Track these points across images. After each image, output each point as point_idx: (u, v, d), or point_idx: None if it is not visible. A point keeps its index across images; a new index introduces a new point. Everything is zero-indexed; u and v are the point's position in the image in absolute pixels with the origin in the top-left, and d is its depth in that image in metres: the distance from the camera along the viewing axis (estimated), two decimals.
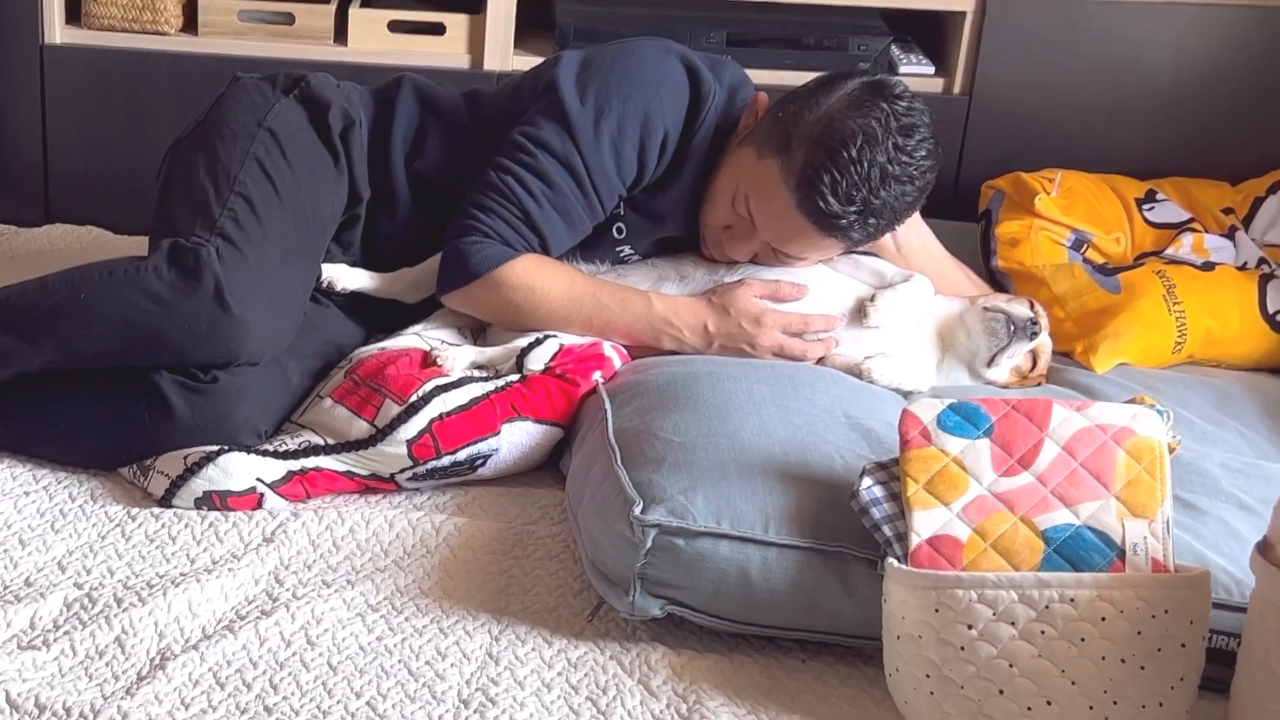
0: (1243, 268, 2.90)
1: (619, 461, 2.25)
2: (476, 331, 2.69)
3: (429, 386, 2.44)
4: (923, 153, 2.46)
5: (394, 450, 2.41)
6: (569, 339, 2.56)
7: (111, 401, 2.42)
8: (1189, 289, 2.77)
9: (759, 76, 3.11)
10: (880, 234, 2.53)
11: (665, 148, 2.59)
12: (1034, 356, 2.59)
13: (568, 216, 2.57)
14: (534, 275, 2.56)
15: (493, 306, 2.59)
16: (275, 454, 2.42)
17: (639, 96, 2.56)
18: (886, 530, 2.04)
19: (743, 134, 2.59)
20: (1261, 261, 2.92)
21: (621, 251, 2.68)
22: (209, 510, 2.37)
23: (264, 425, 2.46)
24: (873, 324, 2.56)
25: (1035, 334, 2.56)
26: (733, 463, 2.20)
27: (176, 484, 2.37)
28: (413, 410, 2.41)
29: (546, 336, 2.55)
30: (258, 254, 2.45)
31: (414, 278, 2.69)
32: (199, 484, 2.37)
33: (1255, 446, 2.51)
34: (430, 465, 2.42)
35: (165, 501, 2.38)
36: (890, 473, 2.09)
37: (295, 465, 2.42)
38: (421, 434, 2.40)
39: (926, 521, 2.01)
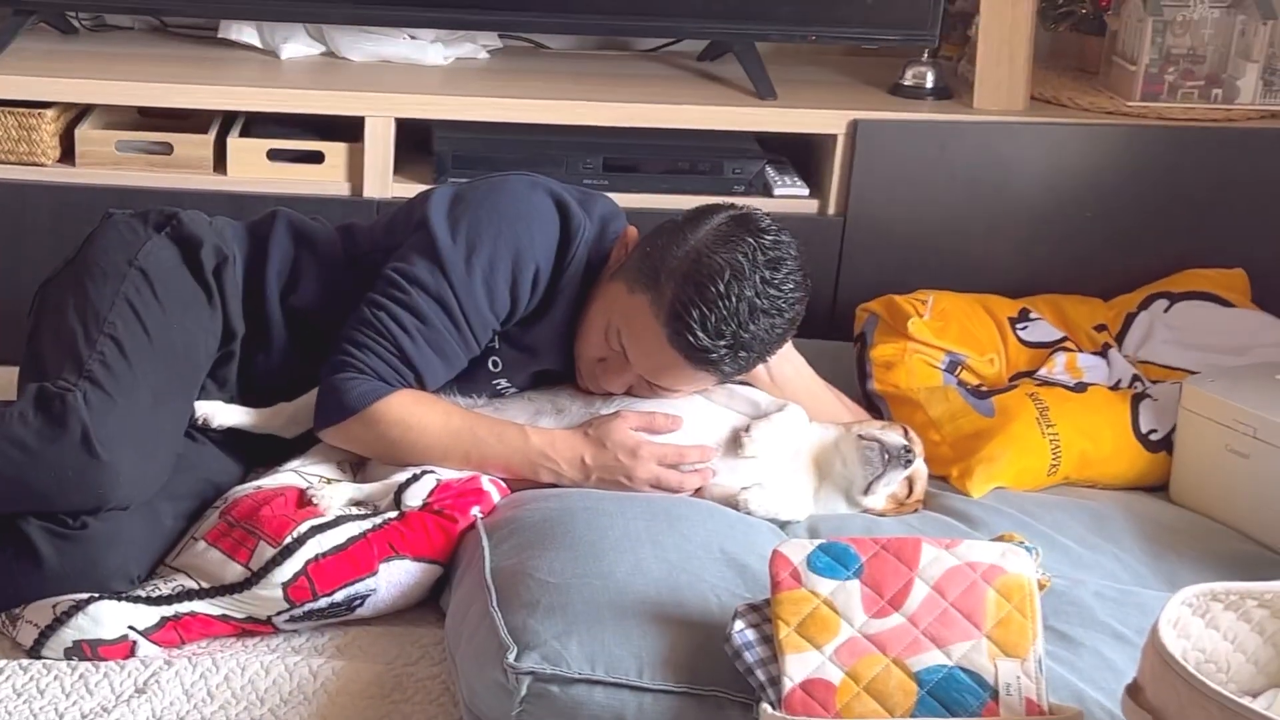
0: (1116, 386, 2.94)
1: (494, 603, 2.23)
2: (356, 465, 2.67)
3: (304, 527, 2.42)
4: (790, 285, 2.48)
5: (269, 594, 2.38)
6: (447, 474, 2.55)
7: None
8: (1062, 411, 2.80)
9: (637, 200, 3.15)
10: (751, 366, 2.55)
11: (537, 282, 2.59)
12: (910, 483, 2.61)
13: (442, 352, 2.57)
14: (410, 411, 2.55)
15: (370, 442, 2.58)
16: (148, 600, 2.38)
17: (509, 232, 2.57)
18: (760, 674, 2.04)
19: (614, 267, 2.61)
20: (1135, 379, 2.96)
21: (498, 385, 2.68)
22: (79, 660, 2.32)
23: (136, 570, 2.42)
24: (748, 454, 2.57)
25: (910, 462, 2.58)
26: (607, 605, 2.19)
27: (45, 634, 2.32)
28: (287, 552, 2.39)
29: (424, 472, 2.54)
30: (127, 398, 2.42)
31: (292, 412, 2.68)
32: (68, 634, 2.32)
33: (1130, 570, 2.53)
34: (307, 608, 2.40)
35: (34, 652, 2.33)
36: (762, 615, 2.08)
37: (169, 611, 2.38)
38: (297, 576, 2.38)
39: (799, 665, 2.01)
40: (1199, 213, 3.34)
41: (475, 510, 2.51)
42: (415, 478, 2.52)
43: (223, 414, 2.64)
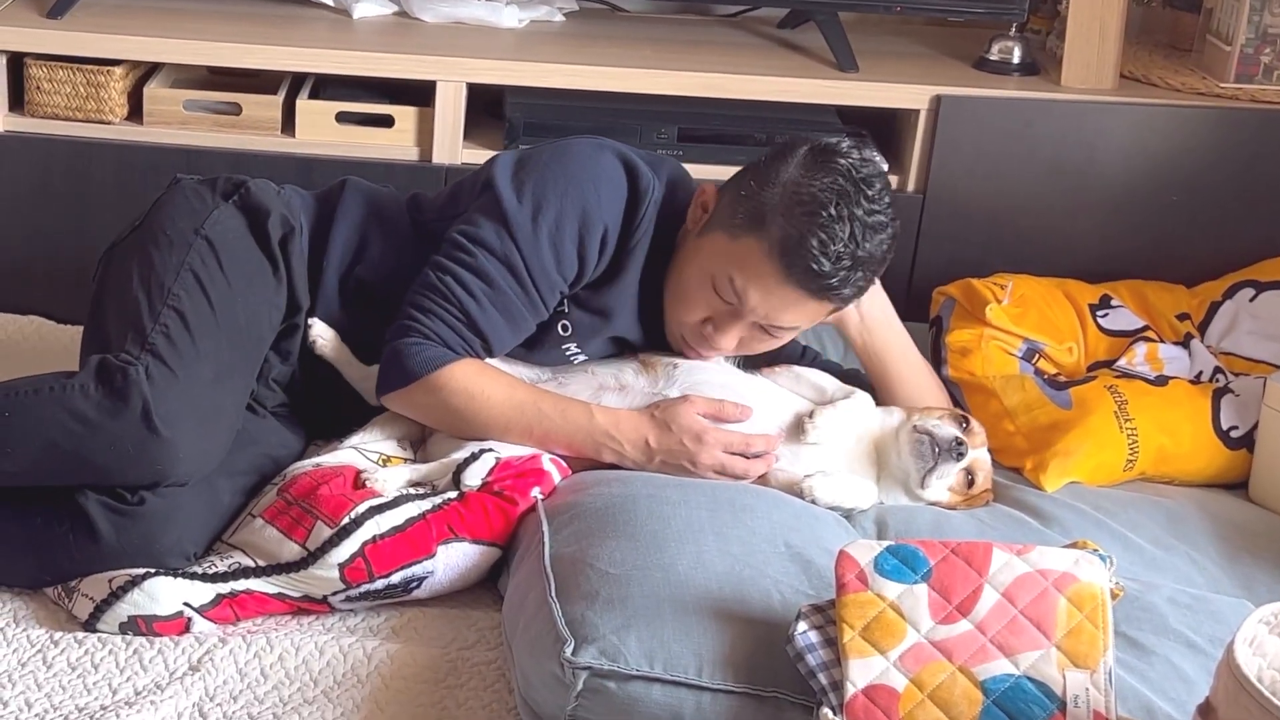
0: (1197, 379, 2.86)
1: (552, 593, 2.20)
2: (417, 443, 2.64)
3: (362, 508, 2.38)
4: (887, 199, 2.47)
5: (325, 574, 2.35)
6: (507, 451, 2.50)
7: (35, 520, 2.35)
8: (1141, 405, 2.72)
9: (711, 172, 3.09)
10: (866, 287, 2.52)
11: (605, 243, 2.54)
12: (970, 474, 2.54)
13: (509, 315, 2.53)
14: (474, 380, 2.51)
15: (432, 410, 2.54)
16: (204, 576, 2.36)
17: (576, 192, 2.52)
18: (822, 678, 1.99)
19: (694, 226, 2.55)
20: (1217, 371, 2.88)
21: (568, 350, 2.63)
22: (134, 635, 2.30)
23: (193, 547, 2.40)
24: (810, 440, 2.52)
25: (961, 455, 2.51)
26: (668, 599, 2.15)
27: (101, 608, 2.31)
28: (345, 533, 2.35)
29: (483, 451, 2.49)
30: (189, 373, 2.39)
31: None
32: (124, 609, 2.30)
33: (1205, 573, 2.47)
34: (363, 588, 2.36)
35: (90, 626, 2.31)
36: (826, 616, 2.04)
37: (224, 588, 2.35)
38: (354, 557, 2.34)
39: (862, 671, 1.96)
40: None
41: (535, 491, 2.47)
42: (474, 456, 2.48)
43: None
